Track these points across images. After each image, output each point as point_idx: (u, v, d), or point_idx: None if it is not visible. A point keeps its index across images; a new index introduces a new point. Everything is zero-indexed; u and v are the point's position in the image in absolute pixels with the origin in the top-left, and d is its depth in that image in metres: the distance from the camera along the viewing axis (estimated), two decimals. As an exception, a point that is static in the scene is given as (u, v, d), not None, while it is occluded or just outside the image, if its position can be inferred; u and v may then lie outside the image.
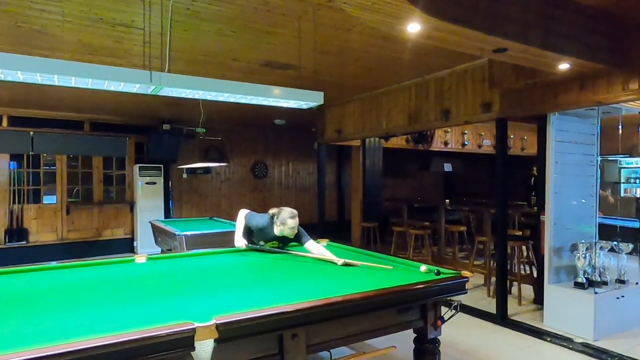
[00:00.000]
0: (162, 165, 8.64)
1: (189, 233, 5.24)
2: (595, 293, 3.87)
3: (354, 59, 4.58)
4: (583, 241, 4.09)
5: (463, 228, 6.49)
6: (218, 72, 4.98)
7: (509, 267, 5.00)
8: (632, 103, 3.79)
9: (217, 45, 4.12)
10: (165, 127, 8.64)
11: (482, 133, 9.32)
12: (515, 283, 5.00)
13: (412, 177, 12.38)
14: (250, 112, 7.83)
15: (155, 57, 3.19)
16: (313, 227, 9.63)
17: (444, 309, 2.75)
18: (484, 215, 6.36)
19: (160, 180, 8.67)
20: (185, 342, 1.65)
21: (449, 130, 8.87)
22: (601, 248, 4.20)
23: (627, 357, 3.49)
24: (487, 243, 5.53)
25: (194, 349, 1.67)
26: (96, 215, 8.25)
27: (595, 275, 4.08)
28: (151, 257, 3.29)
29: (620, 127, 4.54)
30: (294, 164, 11.01)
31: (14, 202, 7.45)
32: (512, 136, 9.59)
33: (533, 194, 6.31)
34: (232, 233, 5.68)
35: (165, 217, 8.69)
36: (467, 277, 2.80)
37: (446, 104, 5.01)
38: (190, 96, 2.74)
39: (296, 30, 3.52)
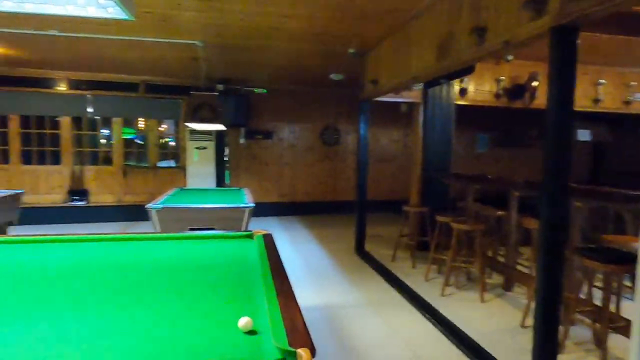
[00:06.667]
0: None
1: (160, 206, 4.40)
2: None
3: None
4: None
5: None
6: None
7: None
8: None
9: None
10: (219, 87, 7.98)
11: (633, 82, 6.16)
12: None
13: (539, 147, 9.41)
14: (299, 64, 6.50)
15: None
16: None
17: None
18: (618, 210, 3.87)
19: (211, 145, 8.13)
20: None
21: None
22: None
23: None
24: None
25: None
26: (151, 179, 8.17)
27: None
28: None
29: None
30: (373, 129, 9.31)
31: (75, 164, 7.80)
32: None
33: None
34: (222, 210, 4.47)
35: (217, 185, 8.20)
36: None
37: (483, 17, 2.90)
38: None
39: None
